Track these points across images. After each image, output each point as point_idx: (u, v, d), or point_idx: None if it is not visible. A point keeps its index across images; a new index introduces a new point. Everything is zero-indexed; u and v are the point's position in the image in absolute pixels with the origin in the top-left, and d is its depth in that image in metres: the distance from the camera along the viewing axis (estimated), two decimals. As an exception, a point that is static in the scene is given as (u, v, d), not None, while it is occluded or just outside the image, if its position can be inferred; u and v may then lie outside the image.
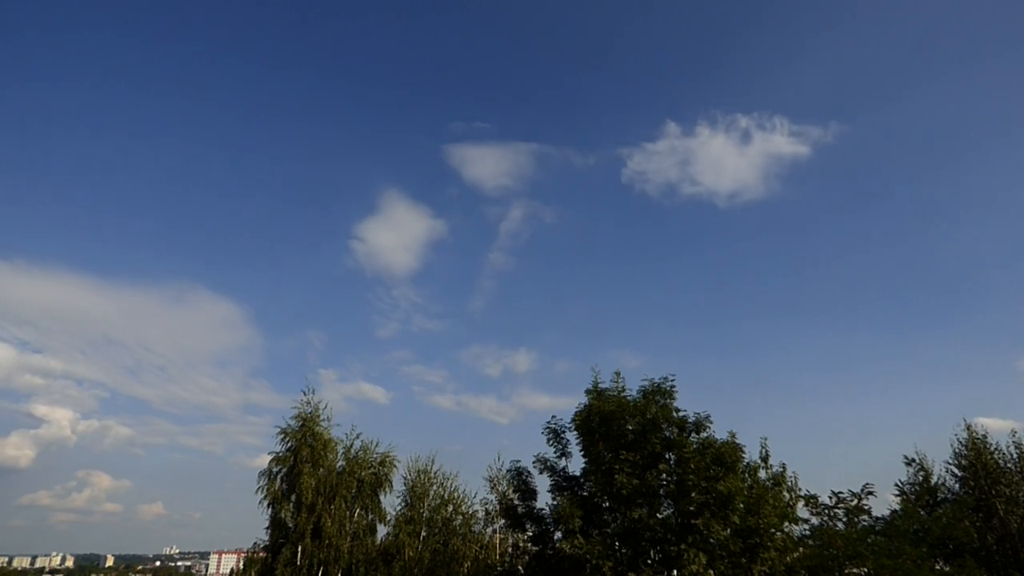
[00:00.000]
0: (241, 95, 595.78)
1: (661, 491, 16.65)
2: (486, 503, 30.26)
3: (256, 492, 28.17)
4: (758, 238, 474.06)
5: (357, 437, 30.83)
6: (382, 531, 30.64)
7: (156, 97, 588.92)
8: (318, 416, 29.72)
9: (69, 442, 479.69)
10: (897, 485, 26.22)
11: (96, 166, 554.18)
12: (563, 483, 18.69)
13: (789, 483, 21.42)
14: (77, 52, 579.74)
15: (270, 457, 28.86)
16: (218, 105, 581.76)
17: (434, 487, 31.98)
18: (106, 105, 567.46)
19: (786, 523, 17.58)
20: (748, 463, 18.90)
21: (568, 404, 20.63)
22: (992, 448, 25.81)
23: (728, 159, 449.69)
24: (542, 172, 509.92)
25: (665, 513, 16.49)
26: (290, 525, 27.67)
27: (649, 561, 16.02)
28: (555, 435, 19.15)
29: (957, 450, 26.68)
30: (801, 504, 18.64)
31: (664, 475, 16.67)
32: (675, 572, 15.43)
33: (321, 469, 28.37)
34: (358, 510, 29.35)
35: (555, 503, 17.98)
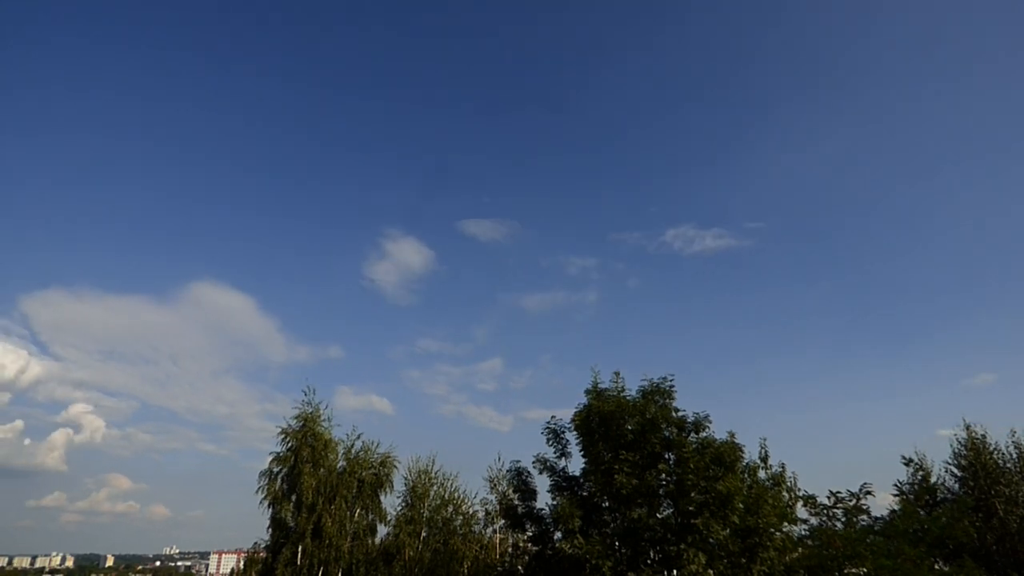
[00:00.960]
0: (283, 123, 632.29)
1: (660, 491, 16.67)
2: (486, 503, 30.33)
3: (256, 492, 28.23)
4: (742, 265, 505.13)
5: (358, 438, 30.92)
6: (382, 531, 30.71)
7: (186, 112, 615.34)
8: (319, 416, 29.76)
9: (96, 448, 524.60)
10: (896, 485, 26.25)
11: (129, 185, 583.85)
12: (563, 483, 18.71)
13: (788, 483, 21.43)
14: (126, 73, 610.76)
15: (271, 457, 28.92)
16: (260, 127, 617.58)
17: (434, 487, 32.04)
18: (132, 118, 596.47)
19: (785, 523, 17.60)
20: (747, 463, 18.91)
21: (564, 415, 21.36)
22: (992, 448, 25.84)
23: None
24: (533, 232, 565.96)
25: (664, 513, 16.50)
26: (291, 525, 27.70)
27: (649, 561, 16.04)
28: (555, 435, 19.17)
29: (956, 450, 26.72)
30: (800, 504, 18.68)
31: (663, 475, 16.68)
32: (675, 572, 15.45)
33: (322, 469, 28.41)
34: (358, 510, 29.39)
35: (555, 503, 18.00)
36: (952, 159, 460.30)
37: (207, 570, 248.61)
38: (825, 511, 17.31)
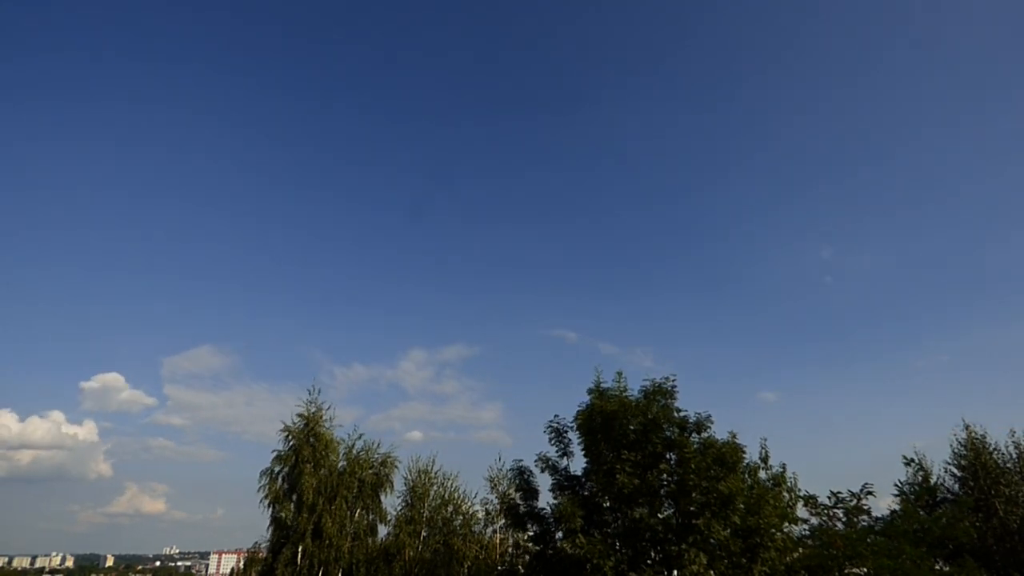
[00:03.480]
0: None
1: (662, 491, 16.67)
2: (486, 503, 30.35)
3: (257, 491, 28.22)
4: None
5: (359, 438, 30.96)
6: (383, 531, 30.73)
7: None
8: (321, 416, 29.76)
9: (153, 461, 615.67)
10: (897, 485, 26.25)
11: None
12: (564, 483, 18.72)
13: (789, 483, 21.45)
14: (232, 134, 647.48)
15: (273, 455, 28.91)
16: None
17: (434, 487, 32.06)
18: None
19: (786, 523, 17.61)
20: (748, 463, 18.92)
21: (567, 415, 21.96)
22: (991, 448, 25.87)
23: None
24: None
25: (666, 513, 16.50)
26: (291, 525, 27.69)
27: (650, 561, 16.04)
28: (557, 434, 19.18)
29: (956, 450, 26.75)
30: (801, 504, 18.69)
31: (665, 475, 16.69)
32: (676, 572, 15.45)
33: (322, 469, 28.41)
34: (359, 510, 29.39)
35: (556, 502, 18.00)
36: (955, 163, 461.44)
37: (207, 570, 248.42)
38: (826, 511, 17.34)
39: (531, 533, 19.50)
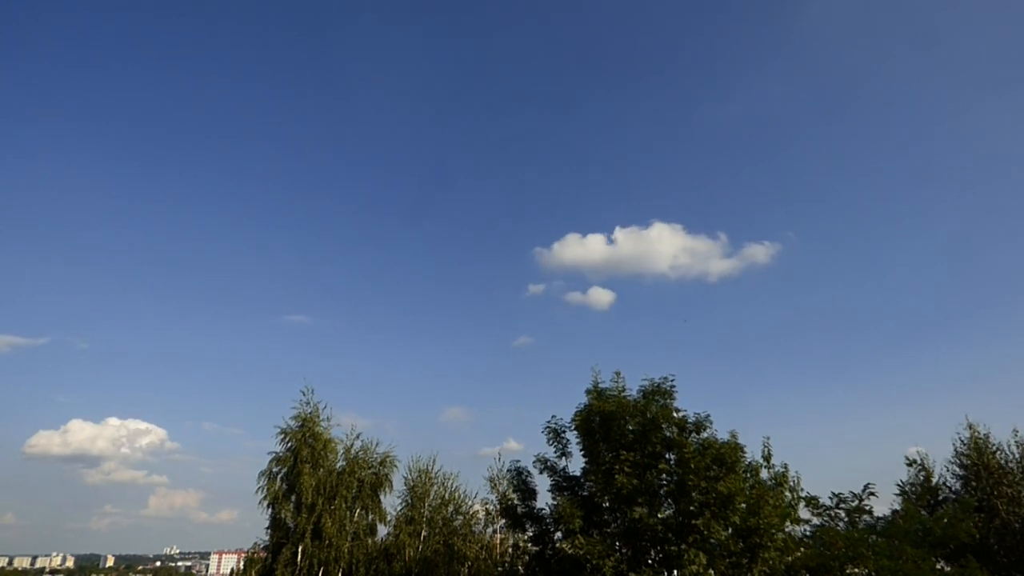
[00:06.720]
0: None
1: (661, 491, 16.63)
2: (487, 503, 30.32)
3: (256, 492, 28.22)
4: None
5: (357, 437, 30.92)
6: (382, 531, 30.71)
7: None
8: (318, 416, 29.72)
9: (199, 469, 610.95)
10: (898, 485, 26.18)
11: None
12: (563, 483, 18.65)
13: (791, 483, 21.36)
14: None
15: (270, 457, 28.89)
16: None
17: (434, 487, 32.04)
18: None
19: (787, 523, 17.53)
20: (749, 463, 18.83)
21: (565, 415, 21.37)
22: (995, 448, 25.76)
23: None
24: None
25: (665, 513, 16.43)
26: (290, 525, 27.68)
27: (649, 561, 15.99)
28: (555, 435, 19.10)
29: (959, 449, 26.65)
30: (802, 505, 18.62)
31: (664, 475, 16.64)
32: (675, 572, 15.39)
33: (321, 469, 28.37)
34: (358, 510, 29.36)
35: (555, 503, 17.94)
36: (959, 161, 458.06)
37: (207, 570, 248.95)
38: (827, 512, 17.28)
39: (530, 534, 19.43)
